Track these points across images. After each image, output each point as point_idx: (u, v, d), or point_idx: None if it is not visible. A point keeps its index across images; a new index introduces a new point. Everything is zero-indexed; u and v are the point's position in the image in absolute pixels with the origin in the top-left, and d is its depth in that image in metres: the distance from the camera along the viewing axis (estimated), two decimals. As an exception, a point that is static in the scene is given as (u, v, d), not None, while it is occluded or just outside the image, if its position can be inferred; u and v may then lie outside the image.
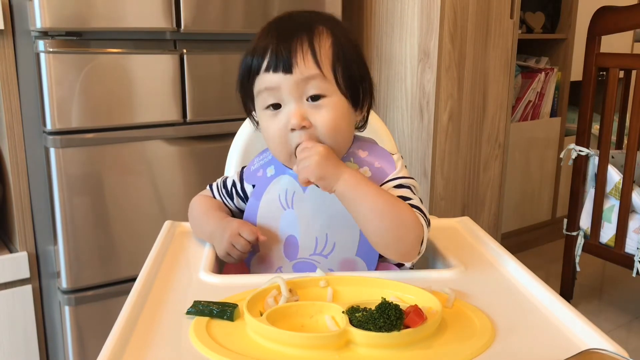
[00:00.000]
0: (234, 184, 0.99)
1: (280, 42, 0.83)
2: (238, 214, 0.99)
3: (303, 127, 0.83)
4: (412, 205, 0.83)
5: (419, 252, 0.83)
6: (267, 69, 0.84)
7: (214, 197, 1.01)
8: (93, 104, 1.48)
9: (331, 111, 0.84)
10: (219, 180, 1.02)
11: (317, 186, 0.82)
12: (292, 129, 0.84)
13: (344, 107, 0.86)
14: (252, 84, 0.87)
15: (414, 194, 0.87)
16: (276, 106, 0.85)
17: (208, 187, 1.03)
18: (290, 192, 0.90)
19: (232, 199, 0.99)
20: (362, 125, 0.95)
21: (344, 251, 0.88)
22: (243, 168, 1.00)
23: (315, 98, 0.84)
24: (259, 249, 0.92)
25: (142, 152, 1.57)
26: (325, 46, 0.84)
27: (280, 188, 0.91)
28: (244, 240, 0.87)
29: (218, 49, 1.64)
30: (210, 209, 0.97)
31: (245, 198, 0.97)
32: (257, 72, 0.85)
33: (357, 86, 0.88)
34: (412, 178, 0.89)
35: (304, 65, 0.82)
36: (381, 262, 0.88)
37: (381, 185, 0.87)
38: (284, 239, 0.90)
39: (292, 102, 0.84)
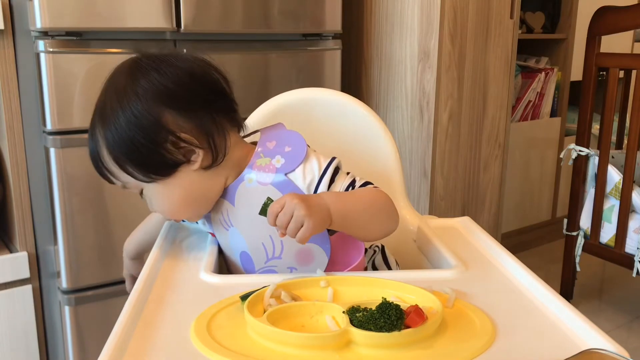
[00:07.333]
0: None
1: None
2: None
3: None
4: (360, 185, 0.87)
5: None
6: None
7: None
8: (93, 104, 1.45)
9: (159, 199, 0.87)
10: None
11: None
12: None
13: (168, 188, 0.85)
14: None
15: (344, 171, 0.89)
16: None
17: None
18: (225, 212, 0.90)
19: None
20: (242, 133, 0.92)
21: (294, 245, 0.86)
22: None
23: (141, 192, 0.88)
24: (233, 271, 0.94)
25: (142, 152, 1.56)
26: (108, 162, 0.84)
27: (219, 210, 0.91)
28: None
29: (218, 49, 1.64)
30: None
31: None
32: None
33: (162, 156, 0.82)
34: (333, 157, 0.89)
35: (114, 179, 0.86)
36: (332, 236, 0.88)
37: (318, 184, 0.87)
38: (239, 257, 0.91)
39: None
